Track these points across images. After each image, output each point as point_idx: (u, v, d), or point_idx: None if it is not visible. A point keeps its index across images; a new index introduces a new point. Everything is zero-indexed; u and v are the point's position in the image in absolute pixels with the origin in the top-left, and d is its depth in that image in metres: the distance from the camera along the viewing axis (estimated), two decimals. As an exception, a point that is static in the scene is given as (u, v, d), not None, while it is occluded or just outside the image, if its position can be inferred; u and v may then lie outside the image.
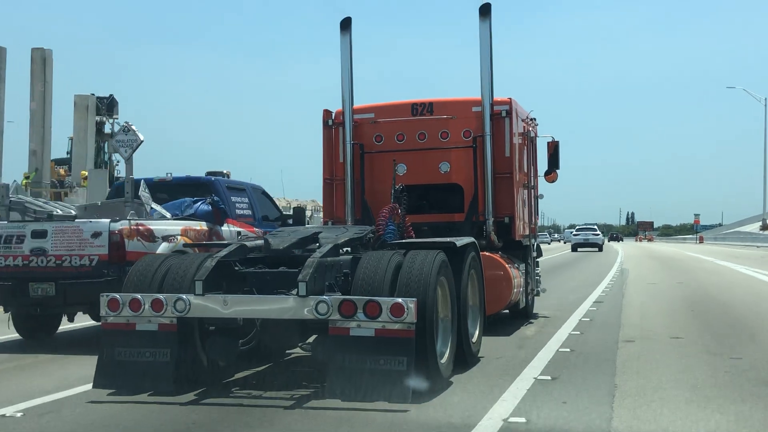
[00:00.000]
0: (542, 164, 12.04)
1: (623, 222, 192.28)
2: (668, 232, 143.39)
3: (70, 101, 36.78)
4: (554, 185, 12.22)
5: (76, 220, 8.75)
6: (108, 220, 8.60)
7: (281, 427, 5.39)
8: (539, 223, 13.02)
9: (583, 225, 62.61)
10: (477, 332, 7.80)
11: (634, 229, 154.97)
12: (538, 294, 11.98)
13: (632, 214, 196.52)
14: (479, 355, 7.77)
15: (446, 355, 6.59)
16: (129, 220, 8.69)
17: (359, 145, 10.44)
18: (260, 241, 7.19)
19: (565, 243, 75.92)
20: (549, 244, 66.42)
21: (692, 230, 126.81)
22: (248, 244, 7.12)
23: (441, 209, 10.44)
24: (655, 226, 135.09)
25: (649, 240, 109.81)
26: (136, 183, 9.37)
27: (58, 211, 9.34)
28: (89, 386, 6.40)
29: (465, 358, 7.18)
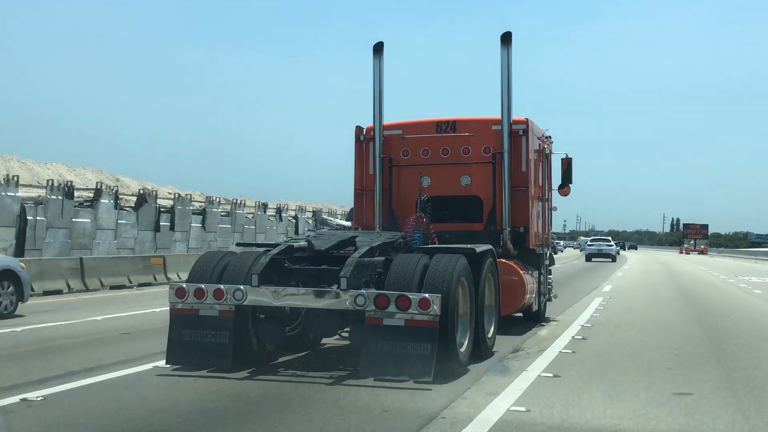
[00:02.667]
0: (556, 179, 12.98)
1: (667, 229, 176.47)
2: (718, 241, 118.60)
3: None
4: (594, 191, 13.22)
5: None
6: None
7: (328, 399, 6.36)
8: (552, 230, 13.92)
9: (597, 236, 64.08)
10: (492, 329, 8.76)
11: (679, 237, 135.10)
12: (550, 299, 12.89)
13: (677, 220, 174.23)
14: (493, 350, 8.72)
15: (464, 345, 7.57)
16: None
17: (388, 158, 11.43)
18: (304, 242, 8.20)
19: (582, 251, 75.69)
20: (562, 251, 66.58)
21: (745, 240, 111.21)
22: (294, 244, 8.13)
23: (462, 219, 11.38)
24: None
25: (701, 252, 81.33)
26: None
27: None
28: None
29: (481, 351, 8.15)
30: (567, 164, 12.83)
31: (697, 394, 6.70)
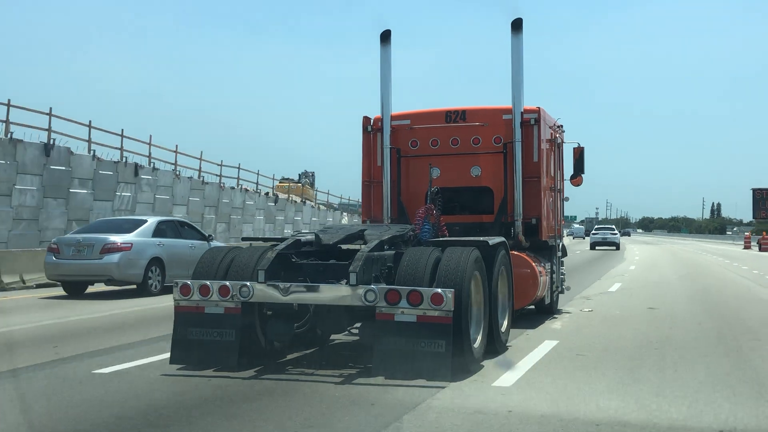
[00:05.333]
0: (568, 169, 12.72)
1: (707, 215, 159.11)
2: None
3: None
4: (626, 176, 12.71)
5: None
6: None
7: (335, 397, 6.15)
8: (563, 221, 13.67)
9: (601, 225, 63.88)
10: (506, 323, 8.53)
11: (720, 223, 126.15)
12: (562, 291, 12.66)
13: (718, 205, 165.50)
14: (507, 344, 8.50)
15: (478, 340, 7.34)
16: None
17: (396, 149, 11.19)
18: (311, 236, 7.97)
19: (574, 238, 75.08)
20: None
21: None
22: (302, 239, 7.90)
23: (472, 211, 11.15)
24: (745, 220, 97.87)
25: None
26: None
27: None
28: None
29: (495, 346, 7.92)
30: (579, 154, 12.58)
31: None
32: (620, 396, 6.24)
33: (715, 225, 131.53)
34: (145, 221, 15.84)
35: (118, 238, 14.69)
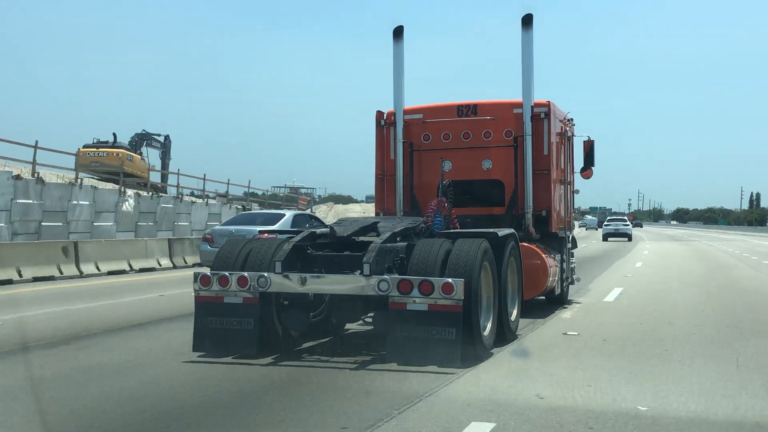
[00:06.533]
0: (579, 161, 12.89)
1: (745, 205, 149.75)
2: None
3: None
4: (661, 165, 12.63)
5: None
6: None
7: (353, 383, 6.40)
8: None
9: (614, 216, 63.77)
10: (515, 312, 8.75)
11: (761, 214, 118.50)
12: (572, 282, 12.86)
13: (758, 195, 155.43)
14: (516, 333, 8.72)
15: (488, 328, 7.58)
16: None
17: (409, 143, 11.41)
18: (326, 229, 8.23)
19: (587, 230, 73.98)
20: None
21: None
22: (317, 231, 8.16)
23: (483, 203, 11.35)
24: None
25: None
26: None
27: None
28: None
29: (504, 335, 8.15)
30: (589, 147, 12.75)
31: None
32: (636, 386, 6.28)
33: (755, 216, 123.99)
34: (284, 215, 19.41)
35: (266, 229, 15.39)
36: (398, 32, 11.42)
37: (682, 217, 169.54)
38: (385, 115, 11.68)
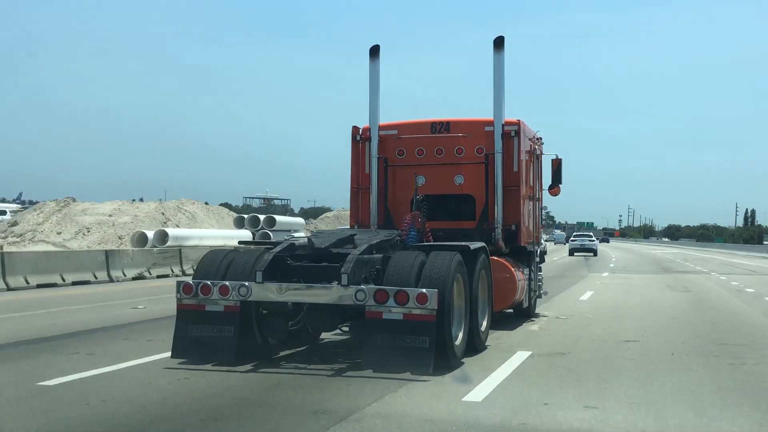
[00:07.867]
0: (547, 179, 13.28)
1: (740, 223, 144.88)
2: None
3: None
4: (651, 181, 12.66)
5: None
6: None
7: (328, 390, 6.66)
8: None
9: (579, 232, 64.41)
10: (485, 323, 9.09)
11: (756, 232, 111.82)
12: (540, 296, 13.24)
13: (752, 212, 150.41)
14: (486, 344, 9.05)
15: (459, 338, 7.90)
16: None
17: (383, 158, 11.74)
18: (305, 240, 8.50)
19: (555, 244, 74.33)
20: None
21: None
22: (296, 242, 8.43)
23: (455, 217, 11.71)
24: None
25: None
26: None
27: None
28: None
29: (475, 344, 8.47)
30: (557, 165, 13.18)
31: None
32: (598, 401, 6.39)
33: (750, 234, 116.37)
34: None
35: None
36: (374, 51, 11.75)
37: (674, 234, 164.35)
38: (360, 131, 12.00)
